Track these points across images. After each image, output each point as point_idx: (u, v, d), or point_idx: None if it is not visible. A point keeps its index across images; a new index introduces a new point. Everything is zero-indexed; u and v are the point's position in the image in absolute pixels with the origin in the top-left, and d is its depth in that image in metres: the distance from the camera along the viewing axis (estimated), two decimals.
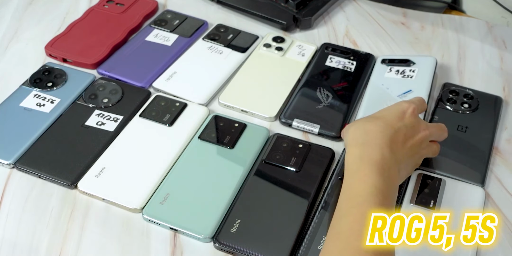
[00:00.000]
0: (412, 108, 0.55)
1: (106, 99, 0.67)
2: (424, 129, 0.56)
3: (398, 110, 0.55)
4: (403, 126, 0.54)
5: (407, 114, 0.55)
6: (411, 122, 0.55)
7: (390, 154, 0.51)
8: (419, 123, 0.56)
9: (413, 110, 0.55)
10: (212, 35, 0.77)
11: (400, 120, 0.54)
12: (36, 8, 0.82)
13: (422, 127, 0.56)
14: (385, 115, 0.55)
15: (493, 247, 0.54)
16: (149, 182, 0.58)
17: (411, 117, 0.55)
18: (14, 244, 0.53)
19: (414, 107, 0.56)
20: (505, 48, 0.78)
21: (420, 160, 0.58)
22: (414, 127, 0.55)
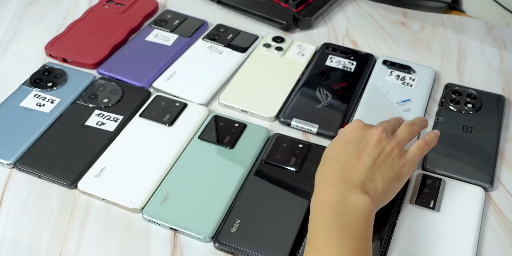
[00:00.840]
0: (355, 124, 0.55)
1: (106, 99, 0.67)
2: (375, 130, 0.54)
3: (342, 137, 0.55)
4: (352, 145, 0.53)
5: (352, 133, 0.54)
6: (360, 136, 0.53)
7: (342, 183, 0.49)
8: (367, 130, 0.54)
9: (356, 126, 0.55)
10: (212, 35, 0.77)
11: (347, 143, 0.53)
12: (36, 8, 0.82)
13: (389, 148, 0.53)
14: (331, 148, 0.55)
15: (493, 247, 0.54)
16: (149, 182, 0.58)
17: (357, 133, 0.54)
18: (14, 244, 0.53)
19: (357, 123, 0.55)
20: (505, 48, 0.78)
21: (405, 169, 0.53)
22: (363, 137, 0.53)
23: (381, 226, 0.54)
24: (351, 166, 0.51)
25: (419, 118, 0.59)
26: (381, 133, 0.53)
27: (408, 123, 0.57)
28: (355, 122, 0.55)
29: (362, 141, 0.53)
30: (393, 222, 0.55)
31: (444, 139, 0.63)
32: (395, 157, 0.53)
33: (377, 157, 0.52)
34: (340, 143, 0.54)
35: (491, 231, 0.56)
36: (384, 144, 0.53)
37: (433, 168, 0.60)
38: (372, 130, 0.54)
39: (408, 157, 0.53)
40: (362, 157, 0.52)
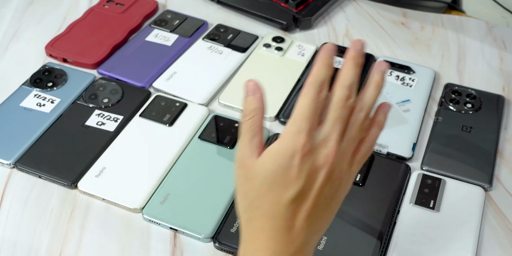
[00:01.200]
0: (299, 154, 0.38)
1: (106, 99, 0.67)
2: (325, 163, 0.39)
3: (281, 173, 0.38)
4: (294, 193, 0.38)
5: (295, 170, 0.38)
6: (306, 175, 0.38)
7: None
8: (315, 161, 0.39)
9: (301, 156, 0.38)
10: (212, 35, 0.77)
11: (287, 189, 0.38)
12: (36, 8, 0.82)
13: (321, 162, 0.38)
14: (267, 191, 0.39)
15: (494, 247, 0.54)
16: (149, 182, 0.58)
17: (302, 169, 0.38)
18: (14, 244, 0.53)
19: (302, 151, 0.38)
20: (505, 49, 0.78)
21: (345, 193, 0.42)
22: (310, 177, 0.39)
23: (381, 226, 0.54)
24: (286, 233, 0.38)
25: (373, 95, 0.41)
26: (332, 165, 0.39)
27: (359, 120, 0.41)
28: (303, 145, 0.38)
29: (309, 182, 0.39)
30: (393, 222, 0.55)
31: (443, 138, 0.64)
32: (341, 188, 0.41)
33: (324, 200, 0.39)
34: (279, 182, 0.38)
35: (491, 231, 0.56)
36: (334, 178, 0.39)
37: (431, 167, 0.61)
38: (321, 159, 0.39)
39: (354, 170, 0.42)
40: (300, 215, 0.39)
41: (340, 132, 0.39)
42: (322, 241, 0.53)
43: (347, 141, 0.40)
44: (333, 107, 0.40)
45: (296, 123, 0.39)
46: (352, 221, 0.55)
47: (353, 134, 0.40)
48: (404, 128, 0.65)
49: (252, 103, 0.42)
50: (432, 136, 0.64)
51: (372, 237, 0.53)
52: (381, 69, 0.42)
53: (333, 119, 0.39)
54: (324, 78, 0.40)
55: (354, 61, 0.41)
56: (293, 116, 0.40)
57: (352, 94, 0.40)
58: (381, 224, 0.54)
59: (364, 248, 0.52)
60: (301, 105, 0.39)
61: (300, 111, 0.39)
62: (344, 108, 0.40)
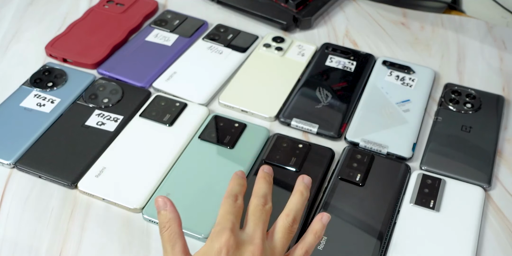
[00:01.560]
0: (225, 250, 0.42)
1: (106, 99, 0.67)
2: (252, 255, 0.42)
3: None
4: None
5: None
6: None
7: None
8: (241, 255, 0.42)
9: (226, 252, 0.42)
10: (212, 35, 0.77)
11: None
12: (37, 8, 0.82)
13: (248, 254, 0.42)
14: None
15: (494, 247, 0.54)
16: (149, 182, 0.58)
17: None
18: (15, 244, 0.53)
19: (227, 246, 0.42)
20: (505, 49, 0.78)
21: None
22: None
23: (381, 226, 0.54)
24: None
25: (298, 201, 0.48)
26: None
27: (287, 225, 0.46)
28: (227, 240, 0.42)
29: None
30: (393, 222, 0.55)
31: (442, 138, 0.64)
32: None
33: None
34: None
35: (490, 231, 0.56)
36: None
37: (430, 167, 0.61)
38: (247, 254, 0.42)
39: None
40: None
41: (263, 231, 0.44)
42: (322, 241, 0.53)
43: (274, 241, 0.45)
44: (251, 211, 0.46)
45: (219, 225, 0.44)
46: (352, 221, 0.55)
47: (280, 236, 0.45)
48: (404, 128, 0.65)
49: (165, 216, 0.46)
50: (432, 136, 0.64)
51: (372, 237, 0.53)
52: (305, 183, 0.49)
53: (254, 221, 0.45)
54: (237, 191, 0.47)
55: (266, 180, 0.49)
56: (216, 222, 0.45)
57: (267, 201, 0.47)
58: (381, 224, 0.55)
59: (364, 248, 0.53)
60: (221, 212, 0.45)
61: (221, 216, 0.45)
62: (262, 211, 0.46)
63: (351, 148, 0.62)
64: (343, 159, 0.61)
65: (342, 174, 0.59)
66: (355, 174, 0.59)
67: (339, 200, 0.57)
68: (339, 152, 0.63)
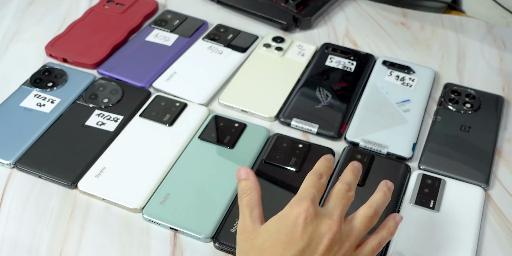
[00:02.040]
0: (304, 215, 0.42)
1: (106, 99, 0.67)
2: (328, 230, 0.42)
3: (285, 231, 0.42)
4: (297, 249, 0.41)
5: (299, 229, 0.42)
6: (309, 236, 0.42)
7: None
8: (318, 227, 0.42)
9: (305, 217, 0.42)
10: (212, 35, 0.77)
11: (290, 247, 0.41)
12: (37, 8, 0.82)
13: (324, 229, 0.42)
14: (268, 246, 0.42)
15: (494, 247, 0.54)
16: (149, 182, 0.58)
17: (305, 230, 0.42)
18: (15, 244, 0.53)
19: (306, 213, 0.42)
20: (505, 49, 0.78)
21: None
22: (313, 240, 0.42)
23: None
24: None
25: (381, 198, 0.47)
26: (335, 234, 0.42)
27: (369, 214, 0.45)
28: (307, 207, 0.43)
29: (311, 245, 0.42)
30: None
31: (441, 138, 0.64)
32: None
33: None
34: (283, 240, 0.42)
35: (490, 231, 0.56)
36: (335, 251, 0.42)
37: (428, 166, 0.61)
38: (324, 226, 0.42)
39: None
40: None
41: (342, 211, 0.44)
42: None
43: (352, 226, 0.45)
44: (334, 193, 0.46)
45: (300, 195, 0.45)
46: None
47: (359, 222, 0.45)
48: (404, 128, 0.65)
49: (246, 184, 0.47)
50: (430, 135, 0.64)
51: None
52: (388, 186, 0.48)
53: (335, 200, 0.45)
54: (323, 171, 0.47)
55: (353, 172, 0.48)
56: (298, 193, 0.45)
57: (351, 189, 0.47)
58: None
59: None
60: (303, 185, 0.46)
61: (303, 188, 0.45)
62: (344, 195, 0.46)
63: (351, 148, 0.62)
64: (343, 159, 0.61)
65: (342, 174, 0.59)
66: None
67: None
68: (339, 152, 0.63)
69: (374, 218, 0.45)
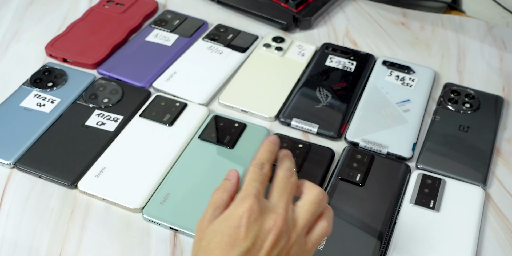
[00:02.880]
0: (247, 215, 0.41)
1: (106, 99, 0.67)
2: (273, 225, 0.42)
3: (229, 232, 0.41)
4: (242, 249, 0.40)
5: (242, 230, 0.41)
6: (254, 235, 0.41)
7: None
8: (263, 224, 0.42)
9: (248, 216, 0.41)
10: (212, 35, 0.77)
11: (234, 248, 0.40)
12: (37, 8, 0.82)
13: (269, 225, 0.42)
14: (213, 248, 0.41)
15: (494, 247, 0.54)
16: (149, 182, 0.58)
17: (249, 229, 0.41)
18: (15, 244, 0.53)
19: (249, 212, 0.42)
20: (505, 49, 0.78)
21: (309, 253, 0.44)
22: (258, 238, 0.41)
23: (381, 226, 0.54)
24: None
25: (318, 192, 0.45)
26: (280, 228, 0.42)
27: (314, 200, 0.44)
28: (250, 206, 0.42)
29: (256, 243, 0.41)
30: (393, 222, 0.55)
31: (439, 138, 0.64)
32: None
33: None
34: (226, 241, 0.41)
35: (490, 231, 0.56)
36: (282, 245, 0.42)
37: (426, 166, 0.61)
38: (269, 222, 0.42)
39: (309, 249, 0.44)
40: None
41: (287, 202, 0.44)
42: (322, 241, 0.53)
43: (297, 213, 0.44)
44: (277, 183, 0.45)
45: (244, 191, 0.44)
46: (352, 221, 0.55)
47: (306, 209, 0.44)
48: (404, 128, 0.65)
49: (225, 184, 0.47)
50: (429, 135, 0.64)
51: (372, 237, 0.53)
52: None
53: (279, 192, 0.45)
54: (265, 159, 0.47)
55: (289, 156, 0.48)
56: (241, 189, 0.45)
57: (293, 174, 0.46)
58: (381, 224, 0.55)
59: (364, 248, 0.53)
60: (246, 179, 0.45)
61: (246, 183, 0.45)
62: (287, 184, 0.45)
63: (351, 148, 0.62)
64: (343, 159, 0.61)
65: (342, 174, 0.59)
66: (355, 174, 0.59)
67: (339, 200, 0.57)
68: (339, 152, 0.63)
69: (322, 202, 0.45)
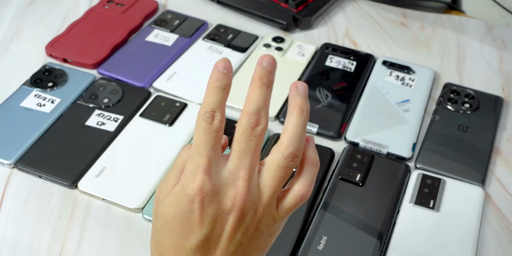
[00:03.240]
0: (199, 198, 0.33)
1: (106, 99, 0.67)
2: (232, 204, 0.34)
3: (181, 218, 0.34)
4: (198, 240, 0.34)
5: (196, 216, 0.33)
6: (210, 220, 0.34)
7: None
8: (220, 204, 0.34)
9: (200, 200, 0.33)
10: (212, 35, 0.77)
11: (189, 236, 0.34)
12: (37, 8, 0.82)
13: (227, 205, 0.34)
14: (166, 236, 0.35)
15: (493, 247, 0.54)
16: (149, 182, 0.58)
17: (204, 214, 0.33)
18: (15, 244, 0.53)
19: (201, 193, 0.33)
20: (505, 49, 0.78)
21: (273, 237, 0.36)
22: (216, 222, 0.34)
23: (381, 226, 0.54)
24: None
25: (296, 125, 0.35)
26: (242, 205, 0.34)
27: (282, 161, 0.34)
28: (201, 185, 0.33)
29: (215, 228, 0.34)
30: (393, 222, 0.55)
31: (438, 137, 0.64)
32: (261, 234, 0.35)
33: (238, 247, 0.34)
34: (179, 229, 0.34)
35: (490, 231, 0.56)
36: (247, 222, 0.34)
37: (424, 165, 0.61)
38: (226, 201, 0.34)
39: (281, 216, 0.36)
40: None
41: (248, 168, 0.34)
42: (322, 241, 0.53)
43: (263, 180, 0.35)
44: (237, 138, 0.35)
45: (193, 160, 0.34)
46: (352, 221, 0.55)
47: (271, 174, 0.35)
48: (404, 128, 0.65)
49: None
50: (428, 134, 0.64)
51: (372, 237, 0.53)
52: (300, 92, 0.37)
53: (239, 153, 0.35)
54: (214, 105, 0.36)
55: (260, 82, 0.36)
56: (189, 157, 0.35)
57: (261, 120, 0.35)
58: (381, 224, 0.55)
59: (364, 248, 0.53)
60: (194, 142, 0.35)
61: (193, 148, 0.35)
62: (250, 137, 0.35)
63: (351, 148, 0.62)
64: (343, 159, 0.61)
65: (342, 174, 0.59)
66: (355, 174, 0.59)
67: (339, 200, 0.57)
68: (339, 152, 0.63)
69: (293, 161, 0.35)
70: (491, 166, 0.62)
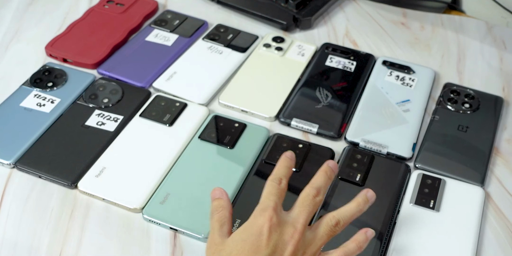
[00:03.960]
0: (268, 225, 0.44)
1: (106, 99, 0.67)
2: (291, 238, 0.44)
3: (251, 240, 0.44)
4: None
5: (264, 238, 0.44)
6: (274, 244, 0.44)
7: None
8: (282, 235, 0.44)
9: (269, 226, 0.44)
10: (212, 35, 0.77)
11: (256, 255, 0.43)
12: (37, 8, 0.82)
13: (287, 237, 0.44)
14: (236, 255, 0.44)
15: (494, 247, 0.54)
16: (149, 182, 0.58)
17: (270, 238, 0.44)
18: (15, 244, 0.53)
19: (269, 222, 0.44)
20: (505, 49, 0.78)
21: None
22: (277, 247, 0.44)
23: (381, 226, 0.54)
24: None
25: (351, 209, 0.48)
26: (297, 241, 0.44)
27: (331, 224, 0.47)
28: (270, 217, 0.45)
29: (276, 252, 0.44)
30: (393, 222, 0.55)
31: (437, 137, 0.64)
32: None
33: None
34: (249, 248, 0.43)
35: (490, 231, 0.56)
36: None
37: (423, 165, 0.61)
38: (287, 234, 0.45)
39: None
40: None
41: (307, 218, 0.46)
42: None
43: (314, 233, 0.46)
44: (301, 199, 0.47)
45: (262, 204, 0.46)
46: (352, 221, 0.55)
47: (321, 231, 0.46)
48: (404, 128, 0.65)
49: (219, 202, 0.49)
50: (428, 134, 0.64)
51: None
52: (367, 198, 0.49)
53: (301, 207, 0.46)
54: (282, 175, 0.48)
55: (327, 174, 0.49)
56: (259, 202, 0.47)
57: (320, 195, 0.47)
58: (381, 224, 0.55)
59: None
60: (264, 193, 0.47)
61: (264, 196, 0.47)
62: (311, 201, 0.47)
63: (351, 148, 0.62)
64: (343, 159, 0.61)
65: (342, 174, 0.59)
66: (355, 174, 0.59)
67: (339, 200, 0.57)
68: (339, 152, 0.63)
69: (336, 227, 0.47)
70: (491, 166, 0.62)
